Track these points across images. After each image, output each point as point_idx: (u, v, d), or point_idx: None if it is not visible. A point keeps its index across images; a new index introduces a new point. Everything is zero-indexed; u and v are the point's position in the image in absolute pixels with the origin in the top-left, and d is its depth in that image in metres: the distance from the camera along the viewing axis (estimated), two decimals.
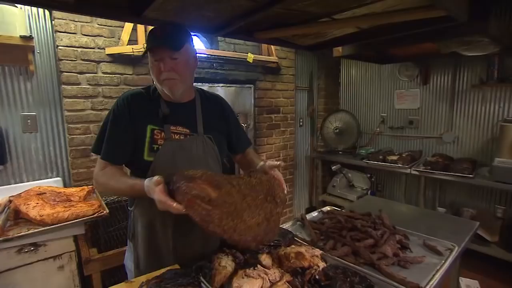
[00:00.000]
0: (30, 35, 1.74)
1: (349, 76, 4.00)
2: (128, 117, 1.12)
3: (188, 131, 1.17)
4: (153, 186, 0.90)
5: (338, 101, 4.11)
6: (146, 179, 0.95)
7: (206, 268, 0.94)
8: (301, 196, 3.83)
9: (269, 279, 0.85)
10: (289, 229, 1.29)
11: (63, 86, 1.97)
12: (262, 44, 2.93)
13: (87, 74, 2.04)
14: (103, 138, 1.13)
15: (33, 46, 1.84)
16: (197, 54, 1.31)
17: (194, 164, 1.12)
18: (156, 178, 0.91)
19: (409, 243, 1.19)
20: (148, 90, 1.20)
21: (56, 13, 1.90)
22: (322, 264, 0.96)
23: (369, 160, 3.21)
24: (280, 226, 1.30)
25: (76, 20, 1.96)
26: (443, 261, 1.07)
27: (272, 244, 1.06)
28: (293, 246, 1.04)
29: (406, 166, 2.89)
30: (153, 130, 1.13)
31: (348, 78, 4.02)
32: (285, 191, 1.06)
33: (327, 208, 1.64)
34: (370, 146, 3.76)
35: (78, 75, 2.01)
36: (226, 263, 0.92)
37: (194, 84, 1.28)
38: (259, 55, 2.86)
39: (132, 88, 2.19)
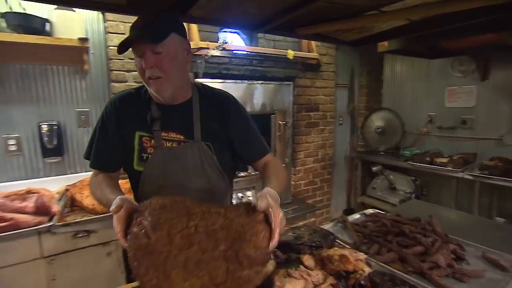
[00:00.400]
0: (86, 37, 1.88)
1: (393, 72, 3.79)
2: (115, 123, 1.02)
3: (182, 137, 1.02)
4: (112, 212, 0.76)
5: (381, 99, 3.91)
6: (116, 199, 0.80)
7: None
8: (338, 196, 3.72)
9: (312, 281, 0.82)
10: (330, 230, 1.25)
11: (112, 83, 2.11)
12: (302, 40, 2.88)
13: (133, 72, 2.15)
14: (92, 144, 1.07)
15: (88, 47, 1.99)
16: (237, 51, 1.22)
17: (189, 176, 1.01)
18: (115, 204, 0.76)
19: (465, 254, 1.09)
20: (140, 91, 1.06)
21: (108, 16, 2.03)
22: (367, 269, 0.91)
23: (414, 162, 3.02)
24: (321, 227, 1.27)
25: (125, 21, 2.08)
26: (510, 278, 0.96)
27: (314, 245, 1.04)
28: (336, 248, 1.00)
29: (458, 169, 2.67)
30: (142, 137, 1.01)
31: (392, 75, 3.80)
32: (270, 246, 0.73)
33: (370, 210, 1.57)
34: (415, 147, 3.54)
35: (126, 73, 2.13)
36: None
37: (231, 81, 1.18)
38: (299, 51, 2.81)
39: None
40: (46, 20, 1.84)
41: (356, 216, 1.53)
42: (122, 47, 0.91)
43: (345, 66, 3.49)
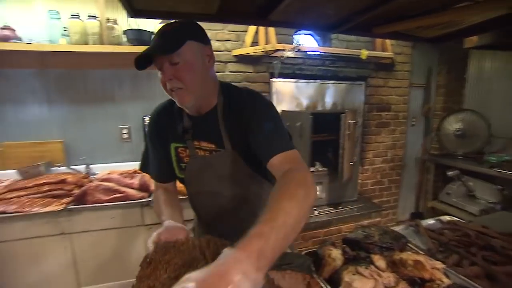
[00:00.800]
0: None
1: (480, 70, 3.19)
2: (155, 136, 1.02)
3: (213, 146, 0.94)
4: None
5: (461, 99, 3.34)
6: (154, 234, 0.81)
7: (315, 256, 0.91)
8: (406, 199, 3.35)
9: (383, 282, 0.75)
10: (401, 233, 1.12)
11: None
12: (376, 40, 2.64)
13: (217, 73, 2.25)
14: (146, 156, 1.08)
15: None
16: (310, 52, 1.07)
17: (223, 183, 0.95)
18: (152, 244, 0.78)
19: None
20: (172, 103, 0.97)
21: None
22: (446, 280, 0.79)
23: (502, 169, 2.51)
24: (392, 228, 1.15)
25: (212, 29, 2.21)
26: None
27: (384, 246, 0.94)
28: (409, 252, 0.89)
29: None
30: (177, 148, 0.99)
31: (478, 73, 3.21)
32: None
33: (447, 217, 1.36)
34: (504, 153, 2.94)
35: None
36: (336, 256, 0.86)
37: (304, 80, 1.00)
38: (373, 51, 2.58)
39: (252, 84, 2.34)
40: (152, 33, 2.07)
41: (430, 221, 1.34)
42: (139, 63, 0.83)
43: (421, 65, 3.09)
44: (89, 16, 1.94)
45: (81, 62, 2.07)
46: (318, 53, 2.41)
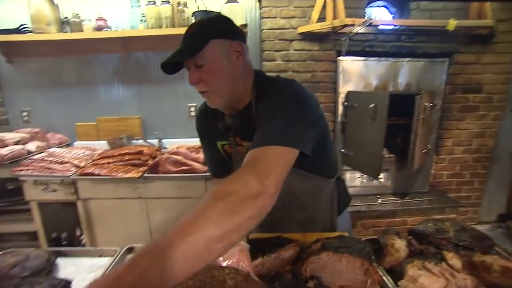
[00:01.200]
0: (246, 23, 2.06)
1: None
2: (204, 135, 1.06)
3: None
4: None
5: None
6: None
7: (375, 244, 0.85)
8: (494, 197, 2.83)
9: (456, 284, 0.66)
10: (486, 234, 0.96)
11: (263, 62, 2.25)
12: (471, 5, 2.19)
13: (281, 52, 2.22)
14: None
15: (247, 31, 2.18)
16: (383, 27, 0.90)
17: None
18: None
19: None
20: None
21: (264, 2, 2.14)
22: None
23: None
24: (472, 226, 0.99)
25: (277, 6, 2.14)
26: None
27: (461, 244, 0.83)
28: (495, 256, 0.76)
29: None
30: (223, 145, 1.01)
31: None
32: None
33: None
34: None
35: (275, 52, 2.22)
36: (400, 247, 0.79)
37: (374, 58, 0.85)
38: (464, 19, 2.17)
39: (317, 63, 2.23)
40: (219, 14, 2.12)
41: None
42: (166, 68, 0.81)
43: None
44: (162, 1, 2.09)
45: (156, 45, 2.27)
46: (393, 27, 2.13)
